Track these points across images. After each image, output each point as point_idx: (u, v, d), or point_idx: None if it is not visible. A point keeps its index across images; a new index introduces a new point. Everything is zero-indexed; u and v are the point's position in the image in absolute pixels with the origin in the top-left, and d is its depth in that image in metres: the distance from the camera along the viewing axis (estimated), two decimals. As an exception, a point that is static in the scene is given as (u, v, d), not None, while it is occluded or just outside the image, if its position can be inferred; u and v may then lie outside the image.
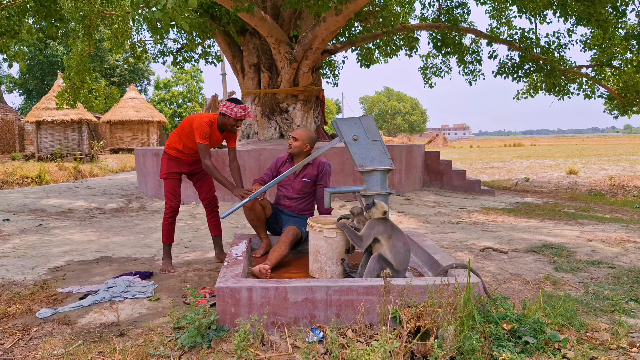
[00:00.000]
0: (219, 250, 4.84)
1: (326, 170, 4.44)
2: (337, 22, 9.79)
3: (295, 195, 4.47)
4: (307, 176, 4.43)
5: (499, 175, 17.29)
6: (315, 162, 4.46)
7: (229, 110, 4.30)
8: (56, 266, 4.77)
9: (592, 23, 10.74)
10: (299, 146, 4.40)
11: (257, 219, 4.38)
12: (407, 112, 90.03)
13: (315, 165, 4.44)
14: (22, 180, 13.60)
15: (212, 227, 4.83)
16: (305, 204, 4.51)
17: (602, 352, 2.66)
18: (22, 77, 40.43)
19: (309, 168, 4.44)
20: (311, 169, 4.44)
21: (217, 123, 4.43)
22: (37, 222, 7.47)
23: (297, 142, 4.40)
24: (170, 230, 4.61)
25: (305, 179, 4.42)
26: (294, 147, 4.42)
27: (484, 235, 6.05)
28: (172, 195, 4.56)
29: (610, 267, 4.45)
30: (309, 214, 4.52)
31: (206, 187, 4.75)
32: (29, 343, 2.94)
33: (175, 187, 4.59)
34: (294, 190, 4.47)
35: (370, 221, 3.38)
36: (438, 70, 15.30)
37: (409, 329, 2.66)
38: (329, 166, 4.49)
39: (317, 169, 4.43)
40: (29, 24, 12.48)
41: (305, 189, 4.45)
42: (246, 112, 4.36)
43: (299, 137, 4.41)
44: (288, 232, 4.17)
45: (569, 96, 13.64)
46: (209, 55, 14.36)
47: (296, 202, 4.48)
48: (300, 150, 4.41)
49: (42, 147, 22.03)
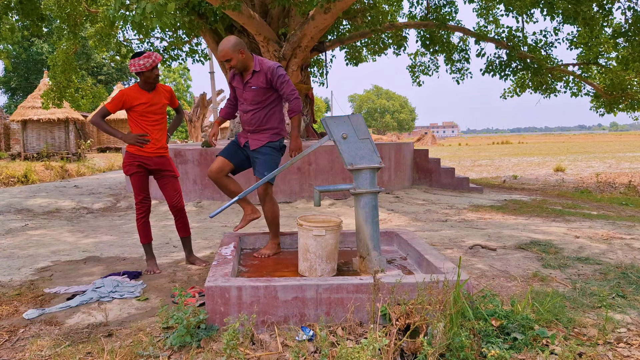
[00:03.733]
0: (188, 251, 4.69)
1: (277, 73, 4.02)
2: (326, 20, 9.78)
3: (250, 107, 4.16)
4: (254, 84, 4.08)
5: (487, 173, 17.41)
6: (261, 68, 4.05)
7: (138, 66, 4.16)
8: (43, 266, 4.72)
9: (578, 21, 10.85)
10: (237, 63, 4.04)
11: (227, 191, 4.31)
12: (396, 110, 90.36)
13: (262, 72, 4.05)
14: (8, 180, 13.45)
15: (179, 228, 4.64)
16: (263, 116, 4.17)
17: (589, 348, 2.69)
18: (6, 75, 39.93)
19: (255, 76, 4.07)
20: (257, 76, 4.06)
21: (140, 85, 4.32)
22: (24, 222, 7.39)
23: (232, 61, 4.02)
24: (145, 229, 4.50)
25: (253, 87, 4.09)
26: (235, 67, 4.08)
27: (473, 232, 6.08)
28: (138, 194, 4.43)
29: (597, 263, 4.50)
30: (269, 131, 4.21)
31: (171, 189, 4.52)
32: (16, 344, 2.91)
33: (140, 184, 4.43)
34: (247, 102, 4.17)
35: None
36: (426, 68, 15.38)
37: (398, 326, 2.67)
38: (279, 68, 4.05)
39: (264, 76, 4.04)
40: (12, 22, 12.32)
41: (258, 98, 4.11)
42: (152, 57, 4.18)
43: (227, 55, 4.00)
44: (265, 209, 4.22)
45: (556, 94, 13.78)
46: (196, 53, 14.28)
47: (251, 114, 4.17)
48: (242, 63, 4.06)
49: (28, 147, 21.80)
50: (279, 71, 4.04)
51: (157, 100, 4.37)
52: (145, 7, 5.40)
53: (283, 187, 8.90)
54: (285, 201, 8.83)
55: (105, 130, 4.31)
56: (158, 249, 5.45)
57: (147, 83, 4.31)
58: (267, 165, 4.18)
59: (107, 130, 4.32)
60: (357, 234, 3.68)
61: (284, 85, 4.05)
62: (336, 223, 3.66)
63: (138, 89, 4.33)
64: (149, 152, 4.39)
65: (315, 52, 12.31)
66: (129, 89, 4.35)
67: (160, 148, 4.44)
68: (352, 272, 3.72)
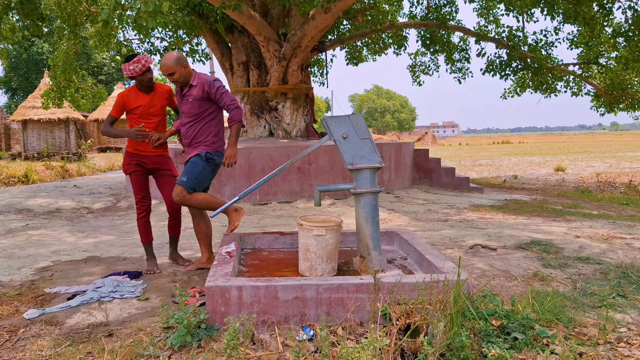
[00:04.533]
0: (173, 249, 4.72)
1: (215, 85, 4.04)
2: (326, 20, 9.78)
3: (187, 119, 4.15)
4: (192, 97, 4.09)
5: (487, 173, 17.41)
6: (198, 81, 4.08)
7: (129, 71, 4.16)
8: (44, 266, 4.72)
9: (579, 21, 10.85)
10: (179, 77, 4.05)
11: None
12: (396, 110, 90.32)
13: (199, 86, 4.06)
14: (9, 179, 13.45)
15: (171, 227, 4.66)
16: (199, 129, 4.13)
17: (590, 348, 2.69)
18: (6, 75, 39.94)
19: (192, 89, 4.09)
20: (194, 89, 4.08)
21: (137, 87, 4.33)
22: (24, 222, 7.39)
23: (175, 75, 4.02)
24: (145, 229, 4.51)
25: (190, 100, 4.10)
26: (178, 82, 4.08)
27: (473, 232, 6.08)
28: (138, 194, 4.46)
29: (597, 263, 4.50)
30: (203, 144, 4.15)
31: (169, 188, 4.50)
32: (17, 344, 2.91)
33: (139, 183, 4.45)
34: (185, 115, 4.17)
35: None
36: (427, 68, 15.37)
37: (398, 326, 2.67)
38: (216, 82, 4.08)
39: (201, 89, 4.05)
40: (13, 22, 12.32)
41: (194, 110, 4.10)
42: (142, 61, 4.15)
43: (170, 69, 4.00)
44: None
45: (556, 94, 13.78)
46: (196, 53, 14.27)
47: (188, 126, 4.16)
48: (184, 77, 4.08)
49: (28, 146, 21.80)
50: (216, 84, 4.06)
51: (155, 102, 4.38)
52: (140, 7, 5.41)
53: (283, 187, 8.90)
54: (285, 201, 8.83)
55: (115, 136, 4.36)
56: (158, 249, 5.45)
57: (142, 86, 4.32)
58: (188, 171, 4.10)
59: (117, 135, 4.35)
60: (358, 234, 3.68)
61: (224, 96, 4.05)
62: (336, 223, 3.66)
63: (136, 90, 4.34)
64: (148, 152, 4.40)
65: (315, 51, 12.31)
66: (127, 92, 4.36)
67: (159, 147, 4.45)
68: (352, 272, 3.72)
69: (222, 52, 11.69)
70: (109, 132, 4.34)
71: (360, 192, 3.59)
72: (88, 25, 13.55)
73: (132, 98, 4.32)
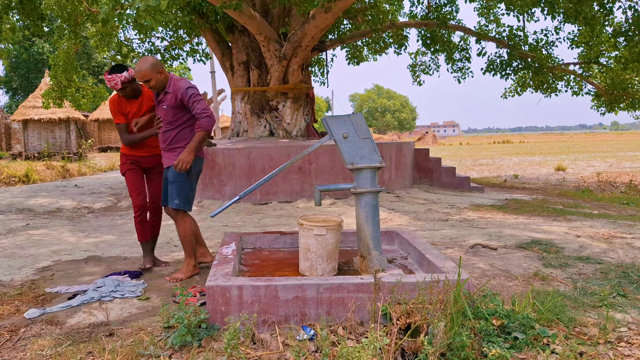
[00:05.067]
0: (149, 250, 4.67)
1: (188, 93, 3.98)
2: (326, 20, 9.78)
3: (164, 127, 4.14)
4: (166, 104, 4.07)
5: (488, 172, 17.41)
6: (173, 88, 4.04)
7: (109, 85, 4.17)
8: (44, 266, 4.73)
9: (579, 21, 10.84)
10: (155, 83, 4.00)
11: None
12: (396, 110, 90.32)
13: (172, 93, 4.03)
14: (9, 179, 13.46)
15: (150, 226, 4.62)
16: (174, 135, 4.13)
17: (590, 347, 2.69)
18: (7, 75, 39.94)
19: (167, 96, 4.06)
20: (167, 96, 4.06)
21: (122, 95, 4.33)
22: (25, 222, 7.40)
23: (151, 82, 3.97)
24: (142, 227, 4.50)
25: (164, 107, 4.08)
26: (154, 87, 4.04)
27: (474, 231, 6.08)
28: (134, 192, 4.45)
29: (598, 262, 4.50)
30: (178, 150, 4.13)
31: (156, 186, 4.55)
32: (17, 344, 2.91)
33: (136, 181, 4.44)
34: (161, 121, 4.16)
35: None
36: (427, 67, 15.38)
37: (399, 326, 2.67)
38: (189, 89, 4.01)
39: (174, 97, 4.02)
40: (13, 21, 12.32)
41: (168, 118, 4.09)
42: (110, 83, 4.14)
43: (146, 75, 3.94)
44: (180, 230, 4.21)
45: (557, 93, 13.77)
46: (197, 53, 14.26)
47: (163, 131, 4.16)
48: (160, 83, 4.03)
49: (29, 146, 21.81)
50: (189, 91, 4.00)
51: (144, 107, 4.41)
52: (139, 5, 5.43)
53: (284, 187, 8.90)
54: (285, 200, 8.84)
55: (141, 138, 4.34)
56: (159, 248, 5.46)
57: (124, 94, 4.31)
58: (176, 193, 4.12)
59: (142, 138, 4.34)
60: (358, 234, 3.68)
61: (195, 104, 3.99)
62: (337, 222, 3.67)
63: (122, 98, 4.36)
64: (144, 152, 4.45)
65: (316, 51, 12.31)
66: (119, 98, 4.35)
67: (155, 148, 4.47)
68: (352, 272, 3.72)
69: (223, 51, 11.70)
70: (133, 139, 4.32)
71: (361, 192, 3.59)
72: (88, 25, 13.56)
73: (123, 102, 4.34)
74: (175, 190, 4.12)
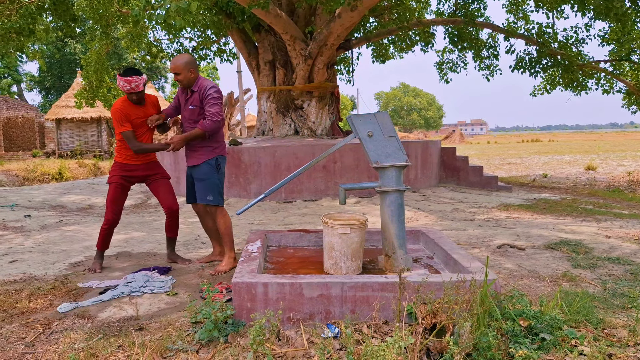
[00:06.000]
0: (170, 250, 4.74)
1: (208, 93, 4.15)
2: (352, 18, 9.77)
3: (187, 124, 4.32)
4: (193, 103, 4.24)
5: (516, 172, 17.14)
6: (199, 88, 4.21)
7: (118, 84, 4.22)
8: (76, 261, 4.85)
9: (610, 17, 10.59)
10: (184, 79, 4.18)
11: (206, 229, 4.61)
12: (423, 108, 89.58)
13: (198, 92, 4.20)
14: (43, 177, 13.83)
15: (170, 229, 4.67)
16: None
17: (619, 349, 2.64)
18: (41, 75, 40.98)
19: (193, 95, 4.23)
20: (194, 96, 4.22)
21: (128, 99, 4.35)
22: (58, 218, 7.59)
23: (180, 75, 4.15)
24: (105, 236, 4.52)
25: (190, 107, 4.26)
26: (182, 82, 4.21)
27: (501, 231, 6.01)
28: (111, 205, 4.43)
29: (628, 263, 4.40)
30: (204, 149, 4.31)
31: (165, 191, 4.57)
32: (50, 337, 3.01)
33: (117, 196, 4.45)
34: (185, 119, 4.33)
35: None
36: (454, 65, 15.23)
37: (424, 325, 2.67)
38: (211, 89, 4.17)
39: (199, 95, 4.20)
40: (47, 22, 12.66)
41: (193, 117, 4.26)
42: (131, 85, 4.18)
43: (178, 69, 4.14)
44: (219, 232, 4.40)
45: (587, 91, 13.48)
46: (224, 53, 14.43)
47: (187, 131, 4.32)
48: (188, 81, 4.20)
49: (62, 145, 22.36)
50: (210, 91, 4.14)
51: (149, 113, 4.46)
52: (169, 6, 5.53)
53: (308, 185, 8.94)
54: (310, 199, 8.87)
55: (151, 150, 4.39)
56: (186, 245, 5.55)
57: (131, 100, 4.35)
58: (208, 189, 4.29)
59: (153, 150, 4.40)
60: (383, 233, 3.68)
61: (210, 106, 4.14)
62: (361, 221, 3.67)
63: (129, 102, 4.38)
64: (139, 161, 4.46)
65: (341, 49, 12.30)
66: (122, 103, 4.36)
67: (147, 156, 4.52)
68: (377, 271, 3.72)
69: (249, 51, 11.80)
70: (144, 148, 4.36)
71: (386, 191, 3.58)
72: (119, 26, 13.84)
73: (131, 109, 4.35)
74: (208, 187, 4.28)
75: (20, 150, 23.44)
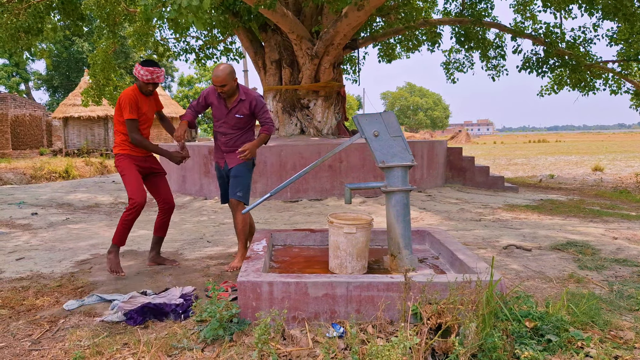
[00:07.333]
0: (156, 252, 4.61)
1: (259, 103, 4.37)
2: (359, 18, 9.76)
3: (230, 131, 4.44)
4: (240, 112, 4.38)
5: (522, 172, 17.07)
6: (247, 97, 4.36)
7: (137, 73, 4.15)
8: (83, 259, 4.88)
9: (618, 17, 10.54)
10: (229, 89, 4.27)
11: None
12: (429, 108, 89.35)
13: (247, 101, 4.35)
14: (50, 175, 13.90)
15: (161, 227, 4.56)
16: (240, 138, 4.45)
17: (625, 351, 2.63)
18: (48, 74, 41.19)
19: (240, 104, 4.36)
20: (243, 105, 4.36)
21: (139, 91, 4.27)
22: (65, 216, 7.63)
23: (226, 87, 4.23)
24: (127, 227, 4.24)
25: (237, 115, 4.38)
26: (226, 93, 4.29)
27: (507, 232, 5.99)
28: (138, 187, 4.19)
29: (635, 265, 4.38)
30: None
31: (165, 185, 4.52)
32: (56, 334, 3.02)
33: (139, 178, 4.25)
34: (228, 126, 4.43)
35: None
36: (461, 65, 15.19)
37: (429, 325, 2.66)
38: (261, 97, 4.42)
39: (249, 105, 4.36)
40: (55, 21, 12.73)
41: (239, 125, 4.43)
42: (152, 75, 4.15)
43: (224, 81, 4.20)
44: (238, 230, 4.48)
45: (595, 92, 13.40)
46: (230, 52, 14.45)
47: (230, 137, 4.45)
48: (232, 90, 4.31)
49: (69, 143, 22.48)
50: (262, 101, 4.41)
51: (154, 106, 4.47)
52: (180, 3, 5.51)
53: (314, 184, 8.94)
54: (316, 198, 8.87)
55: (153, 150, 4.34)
56: (192, 243, 5.56)
57: (143, 90, 4.28)
58: (240, 186, 4.43)
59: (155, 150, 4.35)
60: (388, 232, 3.68)
61: (265, 113, 4.44)
62: (367, 221, 3.67)
63: (140, 93, 4.29)
64: (141, 155, 4.39)
65: (347, 49, 12.29)
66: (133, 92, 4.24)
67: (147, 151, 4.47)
68: (382, 271, 3.71)
69: (256, 50, 11.81)
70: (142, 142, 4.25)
71: (392, 190, 3.58)
72: (126, 25, 13.89)
73: (141, 100, 4.27)
74: (240, 183, 4.43)
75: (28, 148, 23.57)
